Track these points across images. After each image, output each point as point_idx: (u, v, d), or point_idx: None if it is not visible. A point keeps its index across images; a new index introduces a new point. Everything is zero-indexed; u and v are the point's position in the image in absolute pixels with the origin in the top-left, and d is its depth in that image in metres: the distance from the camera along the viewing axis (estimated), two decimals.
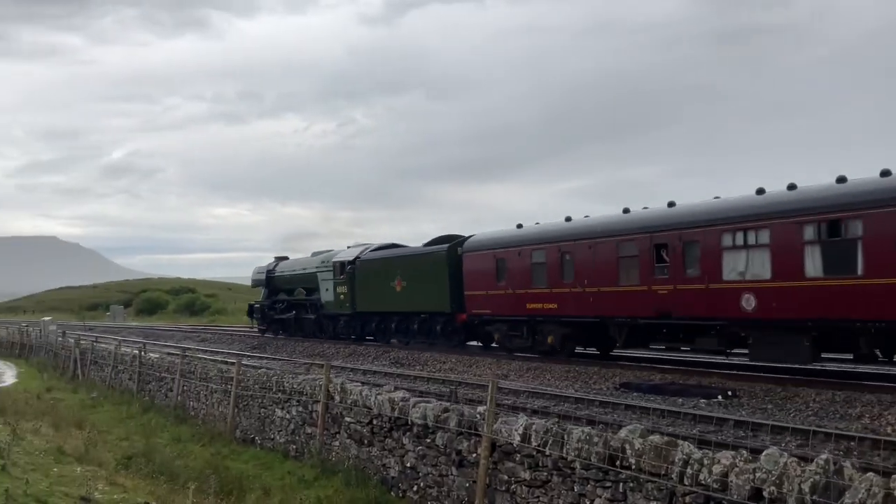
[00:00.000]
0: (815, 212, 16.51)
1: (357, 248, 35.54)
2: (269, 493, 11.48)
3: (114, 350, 28.80)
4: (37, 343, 45.77)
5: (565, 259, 23.29)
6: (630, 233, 21.06)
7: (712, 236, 18.59)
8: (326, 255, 37.16)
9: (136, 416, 20.38)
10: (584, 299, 22.37)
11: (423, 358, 26.63)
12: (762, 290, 17.41)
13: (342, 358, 29.74)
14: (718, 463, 6.67)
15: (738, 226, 18.12)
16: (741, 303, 17.83)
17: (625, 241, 21.13)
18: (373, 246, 34.97)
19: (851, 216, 15.89)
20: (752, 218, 17.83)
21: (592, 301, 22.05)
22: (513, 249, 25.52)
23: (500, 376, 21.84)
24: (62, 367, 34.38)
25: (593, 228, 22.67)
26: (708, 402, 16.23)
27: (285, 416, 14.52)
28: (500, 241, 26.52)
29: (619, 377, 19.79)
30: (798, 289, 16.67)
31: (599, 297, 21.85)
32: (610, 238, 21.65)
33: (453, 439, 9.83)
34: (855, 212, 15.81)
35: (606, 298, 21.61)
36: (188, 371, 20.28)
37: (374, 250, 34.24)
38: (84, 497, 9.22)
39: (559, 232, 24.05)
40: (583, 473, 7.98)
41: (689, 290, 19.11)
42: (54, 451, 12.18)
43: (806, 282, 16.55)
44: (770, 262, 17.32)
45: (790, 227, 16.90)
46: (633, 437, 7.61)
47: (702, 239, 18.87)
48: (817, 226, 16.44)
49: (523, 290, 24.79)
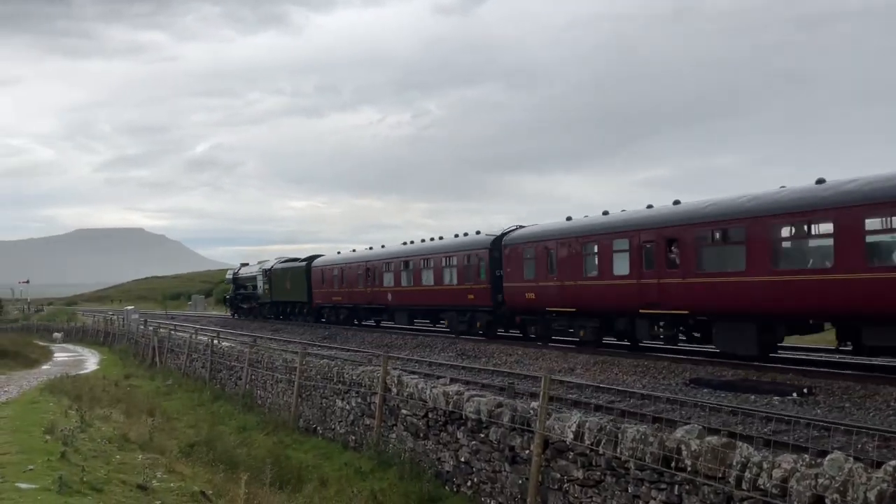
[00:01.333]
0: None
1: (274, 260, 53.34)
2: (326, 485, 11.48)
3: (189, 339, 29.56)
4: (119, 331, 47.47)
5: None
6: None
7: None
8: (262, 264, 55.11)
9: (207, 404, 20.81)
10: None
11: (490, 350, 26.42)
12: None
13: (409, 349, 29.79)
14: (779, 467, 6.28)
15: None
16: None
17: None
18: (284, 258, 53.10)
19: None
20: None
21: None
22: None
23: (567, 370, 21.48)
24: (142, 354, 35.53)
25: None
26: (781, 400, 15.55)
27: (345, 406, 14.54)
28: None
29: (690, 372, 19.18)
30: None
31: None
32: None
33: (506, 435, 9.61)
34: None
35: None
36: (256, 360, 20.59)
37: (282, 262, 51.72)
38: (141, 485, 9.34)
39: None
40: (637, 474, 7.65)
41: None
42: (119, 439, 12.45)
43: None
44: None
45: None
46: (690, 437, 7.25)
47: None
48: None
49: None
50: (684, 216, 20.75)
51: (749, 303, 18.45)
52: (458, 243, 32.52)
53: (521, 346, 26.43)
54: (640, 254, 21.67)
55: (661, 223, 21.25)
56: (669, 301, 20.62)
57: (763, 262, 18.03)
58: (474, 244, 30.74)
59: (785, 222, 17.96)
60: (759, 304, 18.19)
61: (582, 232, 24.56)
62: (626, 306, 22.36)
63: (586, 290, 23.87)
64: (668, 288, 20.72)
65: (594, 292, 23.57)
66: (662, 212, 21.92)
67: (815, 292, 16.93)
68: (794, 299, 17.39)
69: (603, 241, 23.39)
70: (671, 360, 20.78)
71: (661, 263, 20.98)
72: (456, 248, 32.23)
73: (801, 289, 17.21)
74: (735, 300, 18.80)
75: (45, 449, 10.28)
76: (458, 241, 33.01)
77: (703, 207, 20.21)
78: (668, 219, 21.26)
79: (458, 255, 31.62)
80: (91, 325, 59.79)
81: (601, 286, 23.26)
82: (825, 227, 16.92)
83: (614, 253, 22.86)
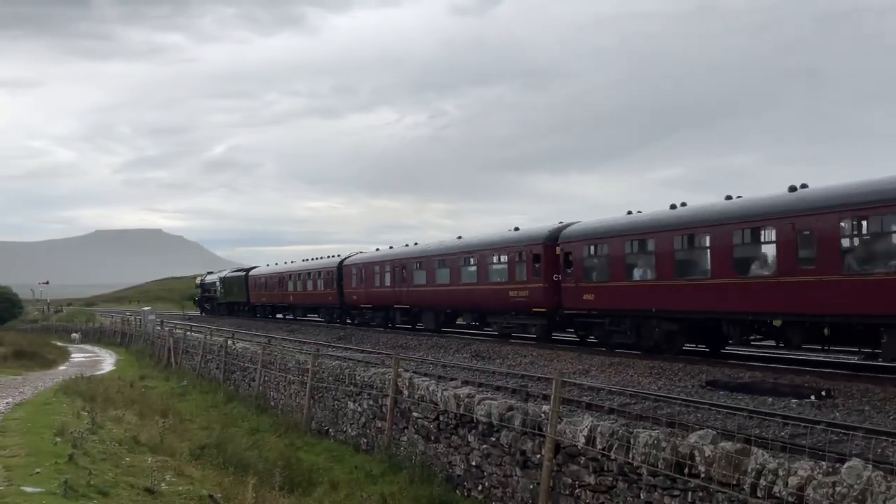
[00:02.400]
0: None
1: (227, 271, 69.38)
2: (336, 488, 11.39)
3: (204, 340, 29.59)
4: (136, 332, 47.66)
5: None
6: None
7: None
8: (219, 273, 70.86)
9: (220, 406, 20.79)
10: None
11: (504, 351, 26.24)
12: None
13: (423, 350, 29.67)
14: (795, 474, 6.11)
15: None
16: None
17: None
18: (234, 268, 70.54)
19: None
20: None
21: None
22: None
23: (582, 372, 21.27)
24: (158, 355, 35.63)
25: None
26: (800, 403, 15.29)
27: (357, 408, 14.45)
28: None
29: (706, 374, 18.92)
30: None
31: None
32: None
33: (518, 439, 9.47)
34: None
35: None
36: (269, 362, 20.55)
37: (232, 272, 67.40)
38: (148, 488, 9.28)
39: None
40: (649, 480, 7.51)
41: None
42: (129, 441, 12.41)
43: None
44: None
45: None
46: (704, 443, 7.09)
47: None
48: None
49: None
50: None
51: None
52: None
53: (536, 347, 26.23)
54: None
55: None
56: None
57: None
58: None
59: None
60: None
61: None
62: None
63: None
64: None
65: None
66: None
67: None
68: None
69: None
70: (687, 362, 20.53)
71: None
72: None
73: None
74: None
75: (53, 451, 10.24)
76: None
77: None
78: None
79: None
80: (109, 326, 60.12)
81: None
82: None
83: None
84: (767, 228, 18.68)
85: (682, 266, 21.23)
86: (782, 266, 18.02)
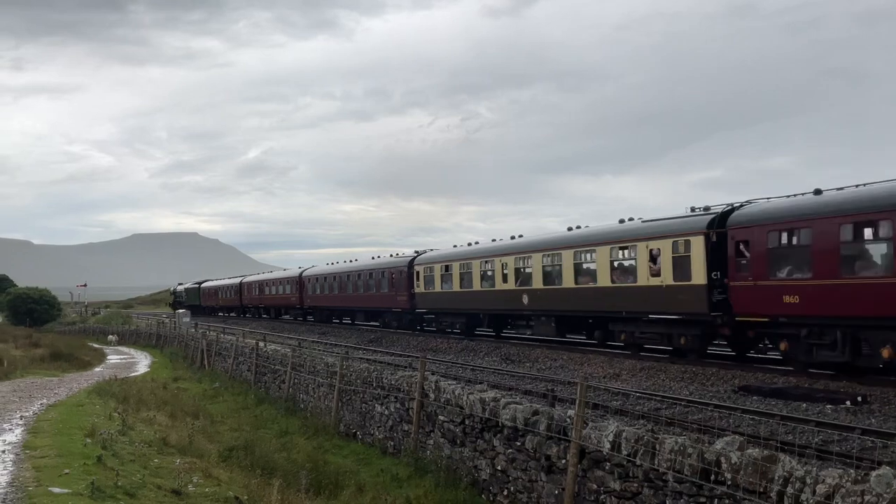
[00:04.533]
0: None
1: (191, 283, 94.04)
2: (363, 491, 11.38)
3: (235, 342, 29.83)
4: (170, 334, 48.23)
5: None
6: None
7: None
8: (184, 285, 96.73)
9: (251, 407, 20.91)
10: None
11: (535, 355, 26.11)
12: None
13: (453, 353, 29.61)
14: (823, 482, 5.96)
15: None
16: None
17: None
18: (197, 281, 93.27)
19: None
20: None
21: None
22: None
23: (612, 376, 21.09)
24: (191, 357, 35.99)
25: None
26: (834, 409, 15.00)
27: (384, 411, 14.44)
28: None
29: (739, 379, 18.67)
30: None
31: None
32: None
33: (542, 443, 9.38)
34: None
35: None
36: (299, 364, 20.64)
37: (193, 283, 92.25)
38: (175, 490, 9.35)
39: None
40: (675, 487, 7.38)
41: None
42: (159, 442, 12.52)
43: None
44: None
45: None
46: (730, 449, 6.95)
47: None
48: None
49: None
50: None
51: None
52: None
53: (567, 350, 26.06)
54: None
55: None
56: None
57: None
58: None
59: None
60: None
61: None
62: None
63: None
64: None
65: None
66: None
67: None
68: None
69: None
70: (719, 367, 20.27)
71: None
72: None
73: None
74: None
75: (83, 453, 10.36)
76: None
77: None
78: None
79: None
80: (144, 328, 60.90)
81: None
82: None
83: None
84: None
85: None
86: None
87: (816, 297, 17.87)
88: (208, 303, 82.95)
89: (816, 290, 17.86)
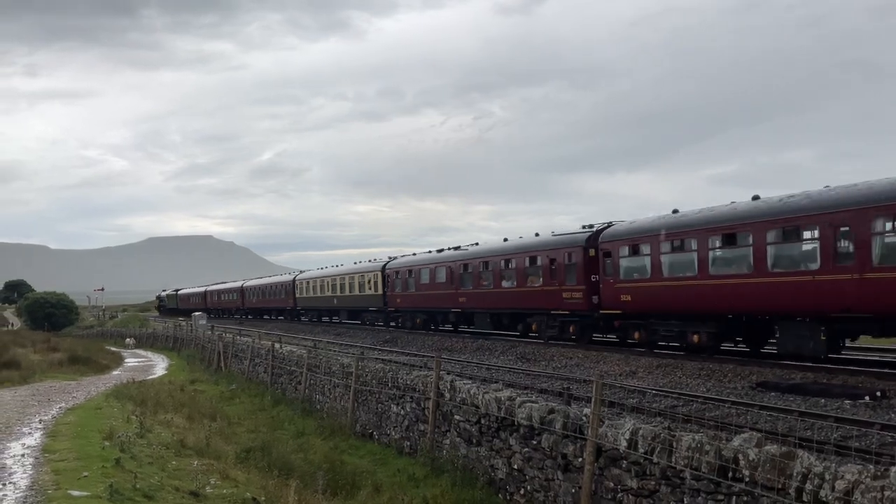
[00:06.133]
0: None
1: (171, 290, 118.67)
2: (380, 491, 11.40)
3: (251, 344, 29.95)
4: (187, 337, 48.48)
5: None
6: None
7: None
8: (166, 292, 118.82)
9: (268, 409, 20.98)
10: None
11: (550, 353, 26.07)
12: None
13: (469, 353, 29.61)
14: (842, 478, 5.91)
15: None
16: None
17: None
18: (176, 289, 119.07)
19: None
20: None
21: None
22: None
23: (628, 374, 21.02)
24: (208, 359, 36.16)
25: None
26: (853, 404, 14.89)
27: (400, 411, 14.45)
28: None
29: (757, 376, 18.56)
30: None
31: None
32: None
33: (559, 442, 9.35)
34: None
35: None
36: (314, 365, 20.68)
37: (173, 290, 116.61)
38: (193, 491, 9.38)
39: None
40: (693, 484, 7.34)
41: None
42: (176, 444, 12.57)
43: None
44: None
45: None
46: (748, 446, 6.91)
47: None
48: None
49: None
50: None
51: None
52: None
53: (582, 349, 26.01)
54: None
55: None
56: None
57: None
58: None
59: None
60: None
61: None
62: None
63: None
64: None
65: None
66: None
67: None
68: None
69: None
70: (737, 363, 20.16)
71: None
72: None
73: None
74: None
75: (101, 455, 10.42)
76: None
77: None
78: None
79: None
80: (161, 332, 61.24)
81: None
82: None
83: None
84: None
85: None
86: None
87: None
88: (183, 306, 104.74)
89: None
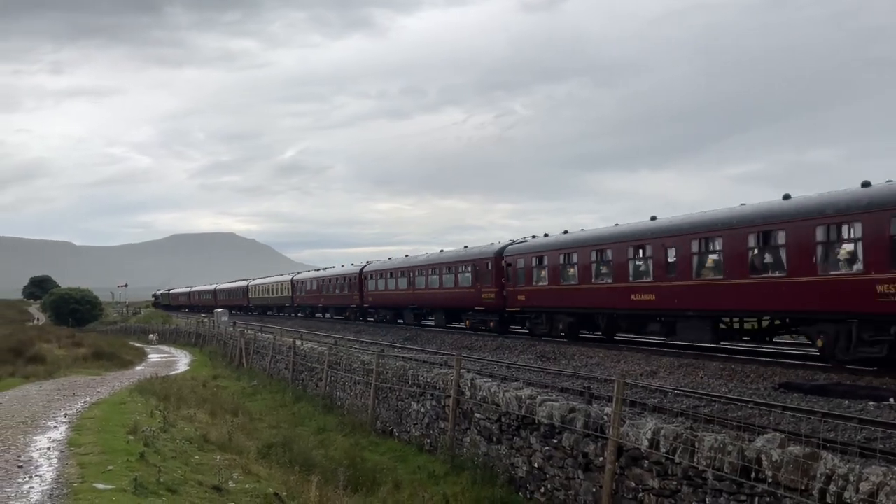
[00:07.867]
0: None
1: (164, 289, 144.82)
2: (400, 488, 11.44)
3: (273, 340, 30.13)
4: (210, 333, 48.84)
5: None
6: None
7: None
8: (161, 290, 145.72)
9: (289, 405, 21.12)
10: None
11: (570, 352, 25.99)
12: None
13: (489, 351, 29.61)
14: (866, 480, 5.87)
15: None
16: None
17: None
18: (169, 288, 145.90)
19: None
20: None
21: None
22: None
23: (649, 373, 20.92)
24: (230, 356, 36.42)
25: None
26: (877, 406, 14.72)
27: (420, 409, 14.49)
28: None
29: (780, 376, 18.39)
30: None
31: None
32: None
33: (580, 441, 9.35)
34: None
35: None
36: (335, 362, 20.78)
37: (166, 290, 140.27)
38: (216, 486, 9.47)
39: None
40: (715, 485, 7.32)
41: None
42: (199, 439, 12.69)
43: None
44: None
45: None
46: (771, 447, 6.87)
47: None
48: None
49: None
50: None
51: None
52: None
53: (603, 348, 25.91)
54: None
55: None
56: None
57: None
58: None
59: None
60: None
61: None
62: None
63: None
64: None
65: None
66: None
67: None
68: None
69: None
70: (760, 364, 19.99)
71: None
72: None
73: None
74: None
75: (126, 449, 10.55)
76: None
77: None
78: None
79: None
80: (184, 328, 61.75)
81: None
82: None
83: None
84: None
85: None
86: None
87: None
88: (174, 303, 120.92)
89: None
